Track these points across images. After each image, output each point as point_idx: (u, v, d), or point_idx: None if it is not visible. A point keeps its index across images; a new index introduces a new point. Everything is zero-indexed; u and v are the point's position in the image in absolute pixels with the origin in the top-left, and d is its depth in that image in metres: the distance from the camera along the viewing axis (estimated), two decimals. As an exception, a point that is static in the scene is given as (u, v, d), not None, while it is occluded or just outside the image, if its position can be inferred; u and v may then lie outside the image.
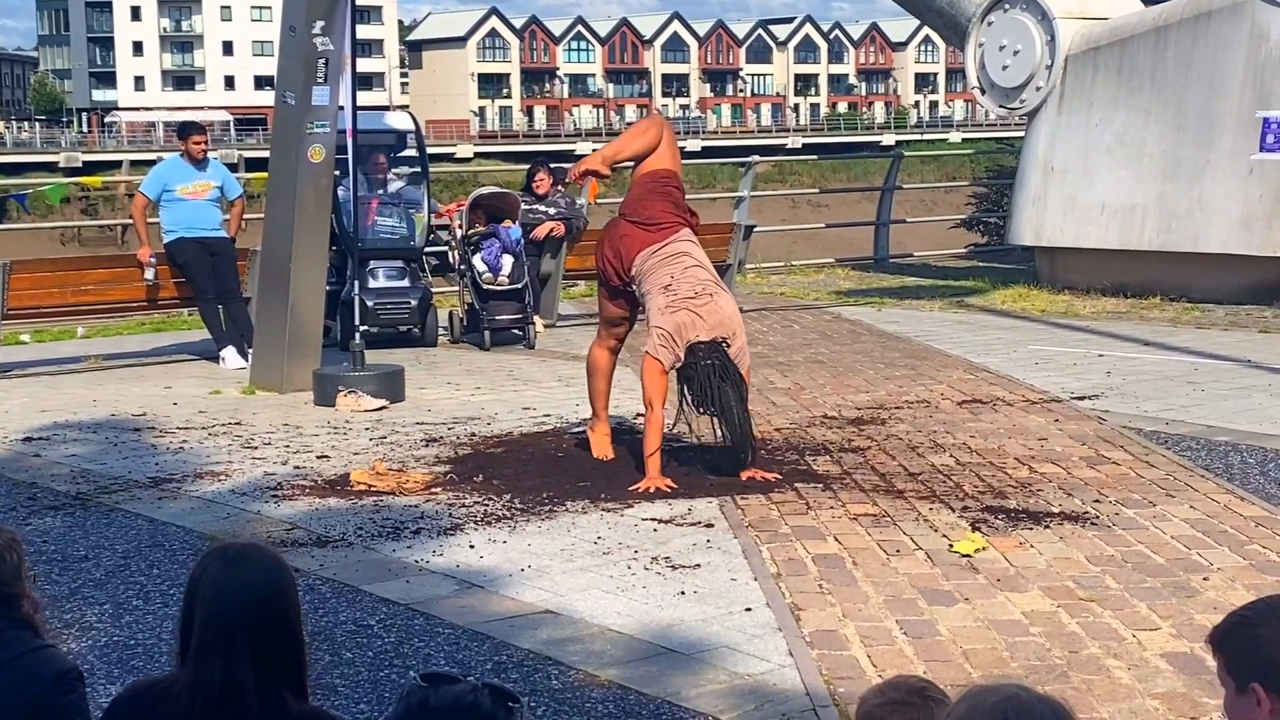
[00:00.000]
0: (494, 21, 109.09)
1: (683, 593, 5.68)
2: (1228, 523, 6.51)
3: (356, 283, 10.55)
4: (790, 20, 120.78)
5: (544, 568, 6.02)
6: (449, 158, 68.76)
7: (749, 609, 5.47)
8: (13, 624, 3.22)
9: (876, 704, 2.69)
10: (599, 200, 14.64)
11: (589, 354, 8.10)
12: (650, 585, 5.78)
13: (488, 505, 7.00)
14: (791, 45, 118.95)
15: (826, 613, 5.40)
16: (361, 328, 10.13)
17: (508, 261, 12.42)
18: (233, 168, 14.94)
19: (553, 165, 14.26)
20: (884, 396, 9.61)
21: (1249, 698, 2.49)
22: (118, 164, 66.59)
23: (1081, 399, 9.45)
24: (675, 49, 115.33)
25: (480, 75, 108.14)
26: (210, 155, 11.87)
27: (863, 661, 4.92)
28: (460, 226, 12.63)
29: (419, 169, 13.44)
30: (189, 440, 8.63)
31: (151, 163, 16.18)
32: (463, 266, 12.63)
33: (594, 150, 9.04)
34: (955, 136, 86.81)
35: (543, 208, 13.26)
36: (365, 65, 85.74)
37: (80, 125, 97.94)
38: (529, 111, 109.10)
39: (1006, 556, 6.04)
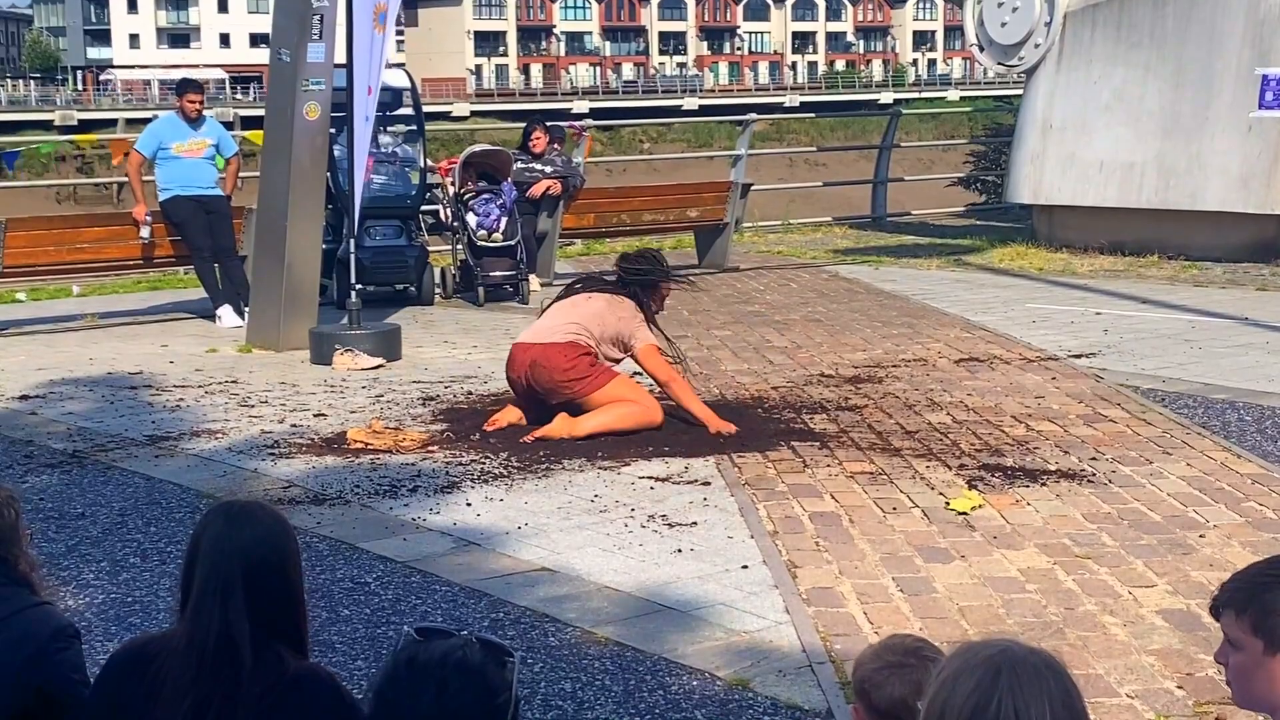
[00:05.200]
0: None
1: (679, 550, 5.68)
2: (1224, 480, 6.52)
3: (353, 241, 10.51)
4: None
5: (541, 525, 6.03)
6: (445, 116, 68.56)
7: (745, 566, 5.47)
8: (10, 581, 3.23)
9: (874, 669, 2.68)
10: (595, 158, 14.61)
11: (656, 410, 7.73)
12: (647, 543, 5.78)
13: (485, 463, 7.00)
14: (789, 3, 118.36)
15: (823, 570, 5.41)
16: (358, 286, 10.11)
17: (502, 219, 12.41)
18: (228, 126, 14.89)
19: (549, 123, 14.23)
20: (881, 355, 9.61)
21: None
22: (113, 122, 66.45)
23: (1079, 357, 9.45)
24: (672, 6, 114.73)
25: (476, 33, 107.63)
26: (206, 113, 11.83)
27: (859, 619, 4.93)
28: (453, 184, 12.61)
29: (415, 127, 13.40)
30: (185, 398, 8.63)
31: (147, 121, 16.13)
32: (456, 224, 12.62)
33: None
34: (953, 94, 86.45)
35: (539, 166, 13.24)
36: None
37: (75, 83, 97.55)
38: (525, 69, 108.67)
39: (1003, 514, 6.05)
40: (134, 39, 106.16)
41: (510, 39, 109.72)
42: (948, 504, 6.16)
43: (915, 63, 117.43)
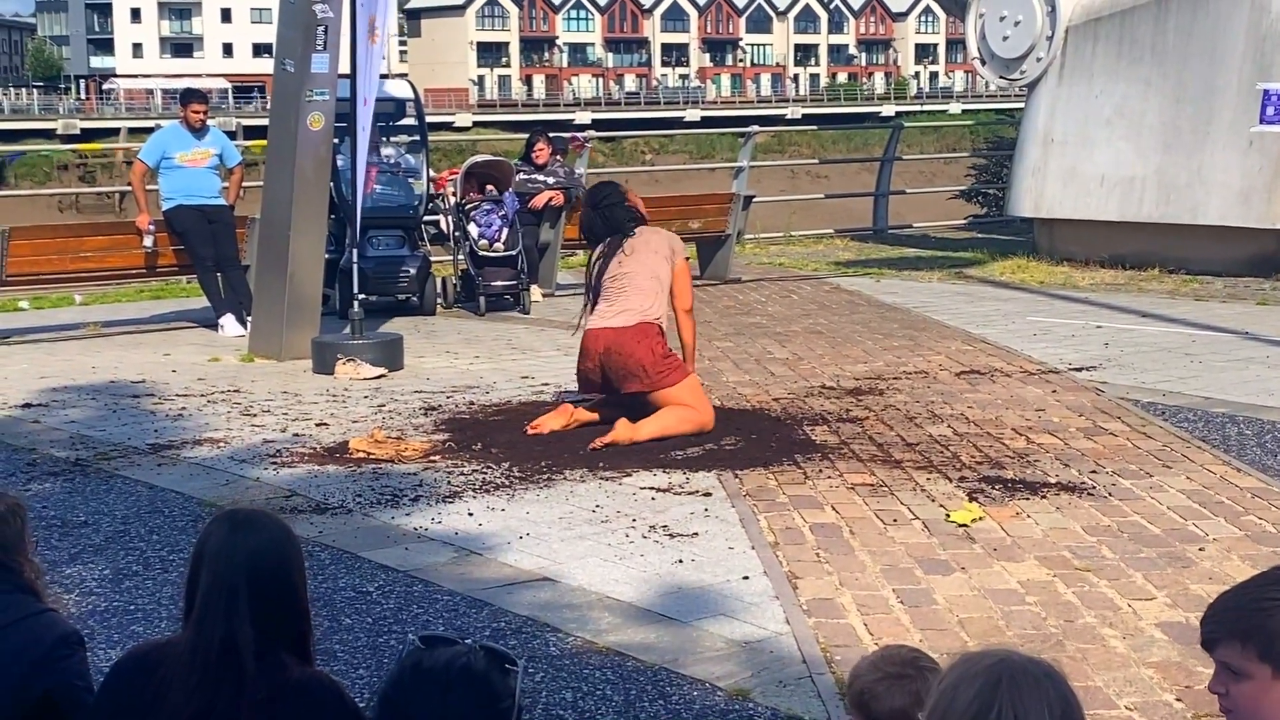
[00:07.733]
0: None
1: (680, 561, 5.70)
2: (1224, 494, 6.53)
3: (355, 250, 10.55)
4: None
5: (542, 535, 6.04)
6: (448, 126, 68.64)
7: (746, 577, 5.49)
8: (15, 589, 3.24)
9: (872, 680, 2.69)
10: (597, 169, 14.65)
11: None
12: (648, 553, 5.80)
13: (486, 473, 7.01)
14: (791, 15, 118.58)
15: (823, 581, 5.42)
16: (360, 296, 10.13)
17: (503, 229, 12.45)
18: (231, 135, 14.92)
19: (551, 134, 14.27)
20: (882, 367, 9.63)
21: None
22: (116, 131, 66.58)
23: (1079, 370, 9.46)
24: (675, 18, 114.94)
25: (479, 44, 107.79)
26: (209, 123, 11.87)
27: (859, 630, 4.94)
28: (454, 195, 12.65)
29: (418, 137, 13.43)
30: (188, 407, 8.65)
31: (149, 130, 16.15)
32: (457, 234, 12.65)
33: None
34: (955, 107, 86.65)
35: (541, 177, 13.27)
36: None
37: (78, 92, 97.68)
38: (528, 80, 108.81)
39: (1003, 526, 6.06)
40: (137, 48, 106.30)
41: (513, 50, 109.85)
42: (948, 516, 6.18)
43: (917, 75, 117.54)
